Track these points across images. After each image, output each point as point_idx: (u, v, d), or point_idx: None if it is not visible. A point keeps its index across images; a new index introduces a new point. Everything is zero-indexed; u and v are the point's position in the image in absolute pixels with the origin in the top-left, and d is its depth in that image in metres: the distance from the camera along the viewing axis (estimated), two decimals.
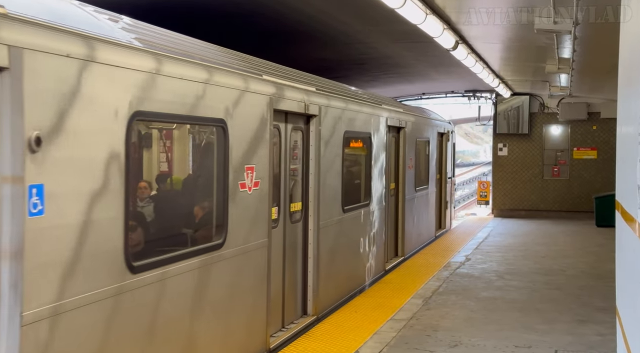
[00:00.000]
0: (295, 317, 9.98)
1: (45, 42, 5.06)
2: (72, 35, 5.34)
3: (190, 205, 7.87)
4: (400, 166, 15.68)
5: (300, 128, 10.20)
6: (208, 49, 7.85)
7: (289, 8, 11.16)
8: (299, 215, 10.16)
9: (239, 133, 7.72)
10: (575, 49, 12.40)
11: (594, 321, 9.94)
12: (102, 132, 5.51)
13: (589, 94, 23.14)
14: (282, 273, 9.46)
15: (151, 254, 6.39)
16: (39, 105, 4.98)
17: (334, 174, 11.19)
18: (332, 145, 10.99)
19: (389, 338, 9.08)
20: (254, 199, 8.09)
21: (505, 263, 15.22)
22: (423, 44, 13.21)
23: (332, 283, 11.09)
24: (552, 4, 9.08)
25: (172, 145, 8.07)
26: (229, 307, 7.72)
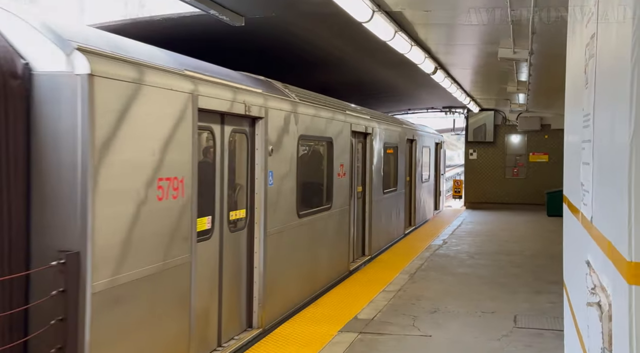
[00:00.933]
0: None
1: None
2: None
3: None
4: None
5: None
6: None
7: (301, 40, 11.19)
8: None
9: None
10: (530, 74, 12.49)
11: (547, 292, 10.00)
12: (290, 145, 9.16)
13: (542, 110, 23.01)
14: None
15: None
16: (271, 132, 8.33)
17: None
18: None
19: (382, 306, 9.14)
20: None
21: (475, 246, 15.27)
22: (408, 69, 13.11)
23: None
24: (512, 38, 9.21)
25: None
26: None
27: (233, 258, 7.64)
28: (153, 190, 5.57)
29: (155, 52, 6.38)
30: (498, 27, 9.08)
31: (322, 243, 10.70)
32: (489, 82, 16.79)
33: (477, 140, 25.75)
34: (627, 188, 2.03)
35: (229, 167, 7.42)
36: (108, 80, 5.00)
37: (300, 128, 9.56)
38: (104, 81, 4.94)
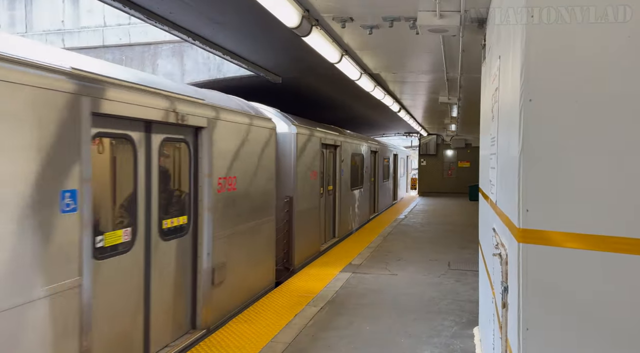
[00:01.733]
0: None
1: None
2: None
3: None
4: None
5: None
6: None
7: (316, 91, 11.24)
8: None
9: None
10: (459, 112, 12.47)
11: (468, 247, 9.96)
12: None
13: (466, 134, 22.96)
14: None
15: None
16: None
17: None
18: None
19: (366, 256, 9.12)
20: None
21: (424, 219, 15.19)
22: (383, 109, 13.08)
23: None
24: (447, 90, 9.20)
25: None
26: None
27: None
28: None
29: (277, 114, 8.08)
30: (438, 83, 9.08)
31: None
32: (433, 117, 16.72)
33: (426, 153, 25.62)
34: (517, 183, 2.05)
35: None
36: (299, 134, 8.21)
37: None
38: (299, 135, 8.23)
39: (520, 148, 2.01)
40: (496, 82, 3.16)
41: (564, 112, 1.95)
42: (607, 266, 1.87)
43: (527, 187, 1.99)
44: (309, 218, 8.88)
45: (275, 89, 9.97)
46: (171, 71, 9.49)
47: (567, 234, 1.95)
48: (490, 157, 3.57)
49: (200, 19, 5.52)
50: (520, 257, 2.00)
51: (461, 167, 24.94)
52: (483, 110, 4.70)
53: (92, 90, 3.48)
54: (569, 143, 1.94)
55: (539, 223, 1.98)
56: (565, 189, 1.95)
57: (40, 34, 10.09)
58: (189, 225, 4.95)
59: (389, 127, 22.96)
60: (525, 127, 1.99)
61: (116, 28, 9.76)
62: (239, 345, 4.72)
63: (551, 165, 1.96)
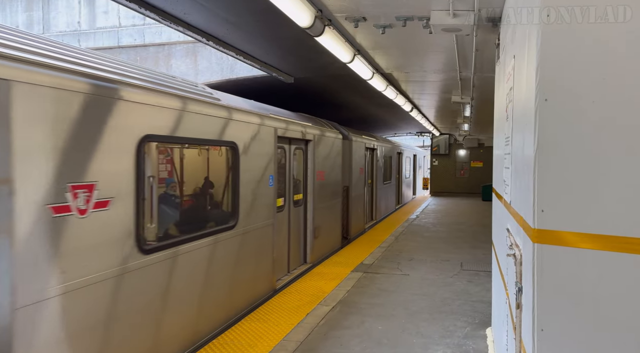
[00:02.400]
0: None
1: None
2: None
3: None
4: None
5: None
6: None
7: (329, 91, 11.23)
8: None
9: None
10: (472, 111, 12.38)
11: (481, 248, 9.89)
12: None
13: (479, 134, 22.77)
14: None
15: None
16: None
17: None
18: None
19: (378, 256, 9.09)
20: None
21: (436, 219, 15.08)
22: (395, 109, 13.05)
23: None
24: (460, 89, 9.15)
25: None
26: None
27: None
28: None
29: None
30: (451, 83, 9.03)
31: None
32: (446, 117, 16.64)
33: (438, 153, 25.39)
34: (532, 183, 2.04)
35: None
36: (353, 142, 9.91)
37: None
38: (353, 142, 9.97)
39: (535, 147, 2.00)
40: (511, 82, 3.14)
41: (580, 112, 1.94)
42: (623, 267, 1.86)
43: (542, 187, 1.98)
44: (358, 202, 11.70)
45: (287, 89, 10.00)
46: (185, 71, 9.57)
47: (583, 235, 1.94)
48: (504, 157, 3.55)
49: (214, 19, 5.56)
50: (535, 258, 1.99)
51: (474, 167, 24.74)
52: (497, 109, 4.67)
53: (279, 124, 6.71)
54: (586, 143, 1.93)
55: (555, 224, 1.97)
56: (581, 189, 1.94)
57: (56, 34, 10.25)
58: (304, 199, 8.05)
59: (400, 127, 22.88)
60: (540, 127, 1.98)
61: (131, 29, 9.88)
62: (251, 343, 4.76)
63: (567, 165, 1.95)
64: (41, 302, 2.88)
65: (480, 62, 6.59)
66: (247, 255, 5.75)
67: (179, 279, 4.34)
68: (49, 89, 2.95)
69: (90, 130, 3.26)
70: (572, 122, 1.94)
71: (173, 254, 4.25)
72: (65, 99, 3.07)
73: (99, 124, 3.36)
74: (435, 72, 8.24)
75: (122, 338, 3.56)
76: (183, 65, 9.67)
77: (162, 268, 4.09)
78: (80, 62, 3.39)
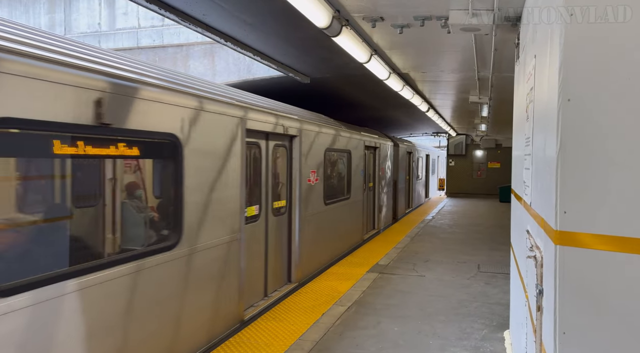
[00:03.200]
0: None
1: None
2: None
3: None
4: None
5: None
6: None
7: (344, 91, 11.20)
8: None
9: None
10: (489, 112, 12.25)
11: (499, 250, 9.79)
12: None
13: (496, 134, 22.51)
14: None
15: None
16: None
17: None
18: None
19: (393, 256, 9.05)
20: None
21: (452, 220, 14.96)
22: (411, 109, 12.99)
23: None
24: (478, 89, 9.06)
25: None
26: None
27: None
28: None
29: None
30: (469, 82, 8.95)
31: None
32: (462, 117, 16.49)
33: (455, 154, 25.21)
34: (554, 185, 2.02)
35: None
36: (397, 147, 11.77)
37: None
38: (395, 147, 12.02)
39: (558, 148, 1.97)
40: (531, 82, 3.10)
41: (604, 113, 1.91)
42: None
43: (564, 189, 1.96)
44: (401, 193, 14.61)
45: (302, 89, 10.02)
46: (202, 72, 9.66)
47: (606, 237, 1.91)
48: (524, 158, 3.51)
49: (232, 20, 5.61)
50: (557, 260, 1.97)
51: (491, 168, 24.48)
52: (516, 110, 4.62)
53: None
54: (610, 144, 1.90)
55: (577, 226, 1.94)
56: (604, 191, 1.91)
57: (77, 36, 10.44)
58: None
59: (416, 127, 22.72)
60: (563, 128, 1.96)
61: (150, 30, 10.01)
62: (267, 342, 4.79)
63: (590, 166, 1.92)
64: None
65: (499, 61, 6.52)
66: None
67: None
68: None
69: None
70: (596, 122, 1.92)
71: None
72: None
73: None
74: (452, 71, 8.18)
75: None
76: (201, 66, 9.77)
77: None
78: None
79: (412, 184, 17.16)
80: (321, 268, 7.81)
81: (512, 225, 4.95)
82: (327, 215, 8.08)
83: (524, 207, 3.40)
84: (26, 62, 2.69)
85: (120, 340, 3.36)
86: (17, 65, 2.64)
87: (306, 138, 7.02)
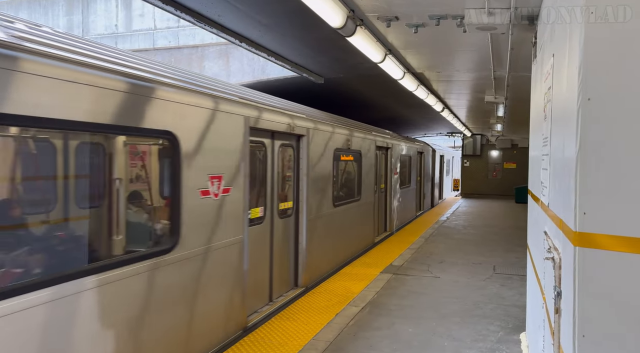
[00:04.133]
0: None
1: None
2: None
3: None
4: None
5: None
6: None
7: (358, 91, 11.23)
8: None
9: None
10: (505, 111, 12.12)
11: (514, 251, 9.66)
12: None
13: (512, 134, 22.24)
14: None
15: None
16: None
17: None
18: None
19: (407, 257, 8.99)
20: None
21: (467, 221, 14.81)
22: (425, 109, 12.94)
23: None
24: (494, 89, 8.98)
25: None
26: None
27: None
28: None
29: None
30: (484, 82, 8.88)
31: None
32: (478, 117, 16.37)
33: (470, 154, 24.96)
34: (573, 185, 1.99)
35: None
36: (434, 151, 14.61)
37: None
38: (433, 151, 14.29)
39: (577, 148, 1.95)
40: (549, 81, 3.07)
41: (625, 112, 1.88)
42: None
43: (584, 190, 1.93)
44: (427, 189, 17.15)
45: (317, 89, 10.04)
46: (217, 72, 9.74)
47: (627, 238, 1.88)
48: (542, 158, 3.47)
49: (248, 21, 5.65)
50: (576, 262, 1.95)
51: (507, 168, 24.19)
52: (533, 109, 4.57)
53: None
54: (631, 144, 1.87)
55: (597, 227, 1.92)
56: (625, 192, 1.88)
57: (95, 37, 10.61)
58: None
59: (430, 127, 22.61)
60: (583, 128, 1.93)
61: (165, 31, 10.13)
62: (281, 342, 4.81)
63: (611, 166, 1.89)
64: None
65: (516, 60, 6.45)
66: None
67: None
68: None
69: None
70: (617, 122, 1.89)
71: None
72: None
73: None
74: (468, 71, 8.11)
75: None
76: (215, 67, 9.84)
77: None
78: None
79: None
80: (330, 272, 7.55)
81: (529, 226, 4.89)
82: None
83: (542, 207, 3.36)
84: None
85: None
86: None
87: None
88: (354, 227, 8.81)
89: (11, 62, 2.56)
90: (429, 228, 13.09)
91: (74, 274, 2.87)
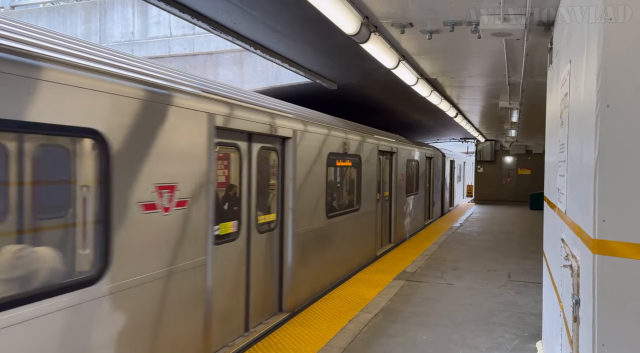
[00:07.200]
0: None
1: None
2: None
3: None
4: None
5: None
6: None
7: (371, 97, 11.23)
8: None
9: None
10: (519, 117, 12.03)
11: (530, 258, 9.57)
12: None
13: (526, 140, 22.08)
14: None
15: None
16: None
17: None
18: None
19: (421, 264, 8.94)
20: None
21: (481, 227, 14.69)
22: (439, 114, 12.88)
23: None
24: (508, 94, 8.92)
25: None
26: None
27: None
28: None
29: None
30: (498, 87, 8.82)
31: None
32: (491, 122, 16.22)
33: (483, 160, 24.88)
34: (592, 192, 1.97)
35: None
36: (447, 158, 15.25)
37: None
38: (446, 158, 14.95)
39: (596, 155, 1.93)
40: (566, 87, 3.04)
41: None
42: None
43: (603, 197, 1.91)
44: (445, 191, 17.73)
45: (330, 96, 10.06)
46: (231, 79, 9.83)
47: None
48: (558, 165, 3.44)
49: (262, 28, 5.70)
50: (595, 269, 1.92)
51: (521, 175, 24.00)
52: (549, 115, 4.53)
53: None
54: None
55: (616, 235, 1.90)
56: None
57: (112, 44, 10.80)
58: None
59: (443, 133, 22.48)
60: (602, 134, 1.92)
61: (181, 38, 10.27)
62: (295, 348, 4.80)
63: (631, 173, 1.87)
64: None
65: (531, 66, 6.40)
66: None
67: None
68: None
69: None
70: (637, 129, 1.87)
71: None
72: None
73: None
74: (482, 76, 8.07)
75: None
76: (230, 73, 9.94)
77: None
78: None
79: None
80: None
81: (545, 233, 4.83)
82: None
83: (559, 214, 3.32)
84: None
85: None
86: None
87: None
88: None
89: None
90: (442, 234, 13.00)
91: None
